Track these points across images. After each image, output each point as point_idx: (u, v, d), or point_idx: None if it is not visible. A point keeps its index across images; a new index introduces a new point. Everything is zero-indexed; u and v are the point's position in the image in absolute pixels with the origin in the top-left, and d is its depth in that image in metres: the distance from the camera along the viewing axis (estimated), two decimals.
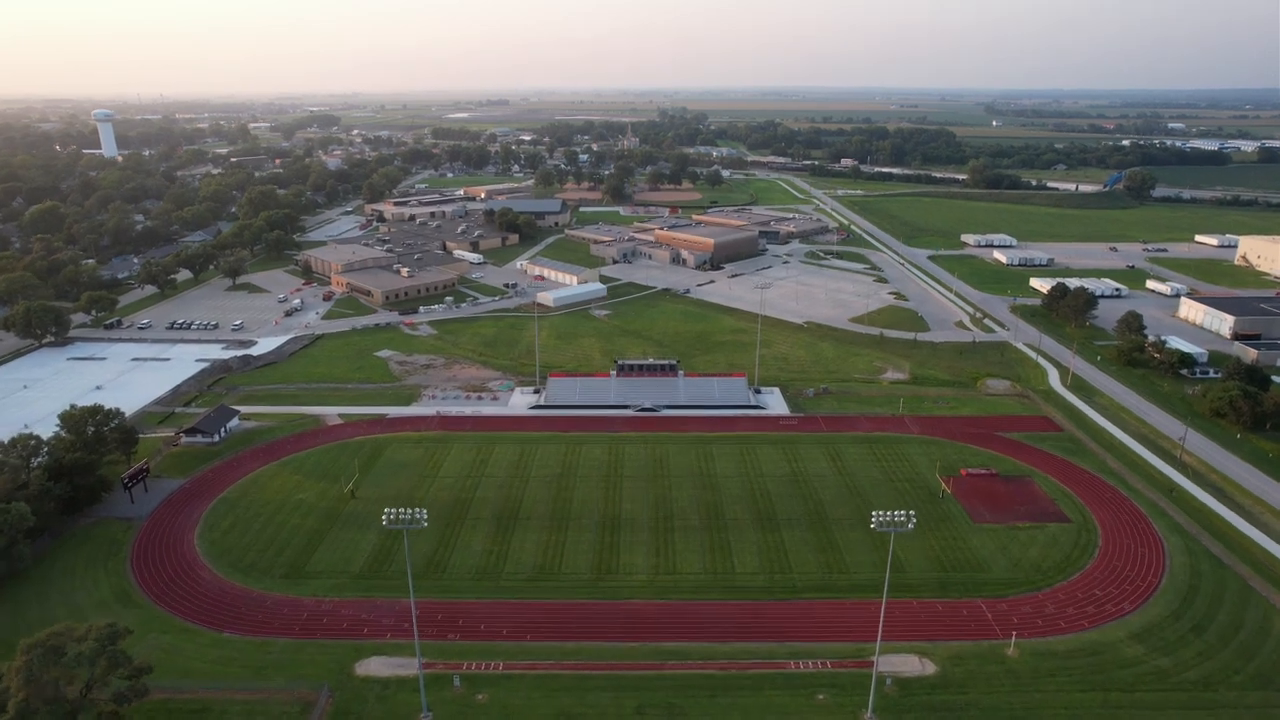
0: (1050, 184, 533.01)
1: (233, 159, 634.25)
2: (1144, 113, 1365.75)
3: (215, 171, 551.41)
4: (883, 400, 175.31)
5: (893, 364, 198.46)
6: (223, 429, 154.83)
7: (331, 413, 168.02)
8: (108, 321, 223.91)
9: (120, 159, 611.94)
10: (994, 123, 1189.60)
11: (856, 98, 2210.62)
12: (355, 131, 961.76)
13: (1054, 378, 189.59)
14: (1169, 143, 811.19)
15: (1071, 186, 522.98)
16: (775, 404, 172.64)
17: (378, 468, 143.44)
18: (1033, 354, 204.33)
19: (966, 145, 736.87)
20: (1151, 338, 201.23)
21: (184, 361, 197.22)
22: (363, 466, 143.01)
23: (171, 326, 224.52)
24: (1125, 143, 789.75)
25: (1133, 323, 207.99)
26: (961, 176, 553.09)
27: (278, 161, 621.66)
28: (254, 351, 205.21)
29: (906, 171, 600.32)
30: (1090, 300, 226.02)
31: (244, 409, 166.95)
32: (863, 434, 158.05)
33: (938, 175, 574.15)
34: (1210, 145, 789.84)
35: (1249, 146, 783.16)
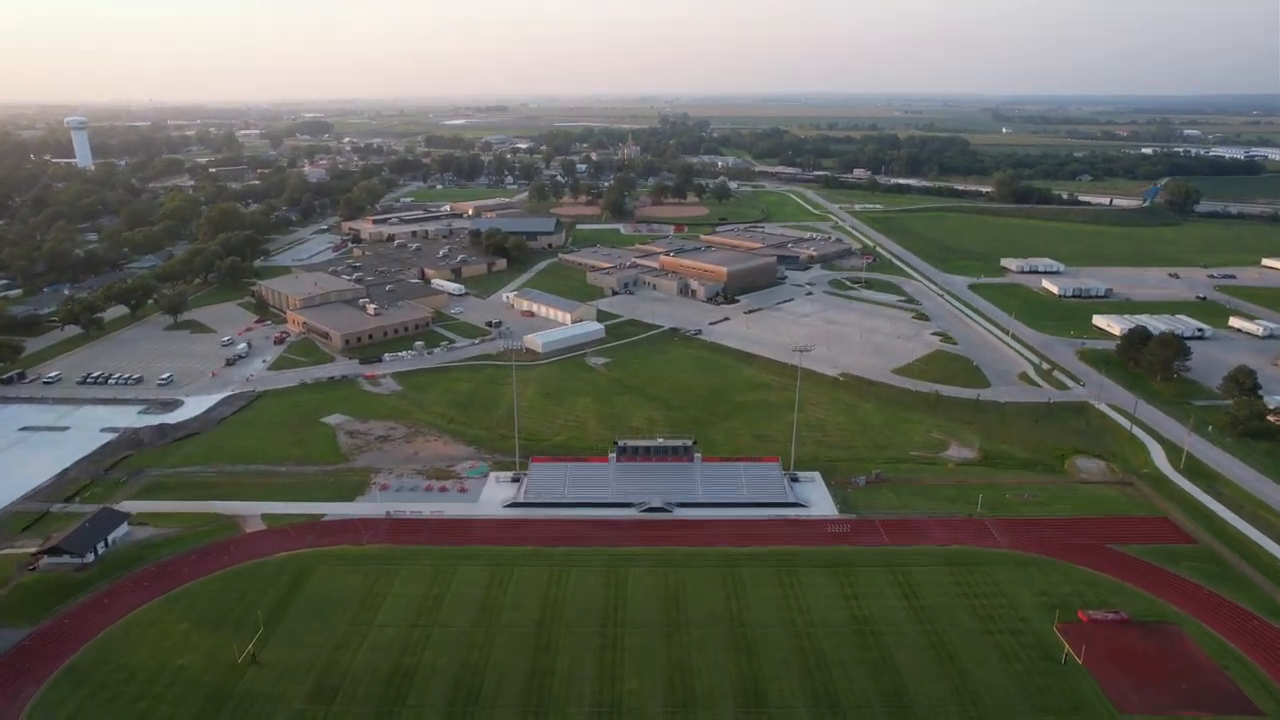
0: (1081, 197, 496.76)
1: (211, 169, 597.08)
2: (1154, 119, 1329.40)
3: (189, 184, 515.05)
4: (953, 492, 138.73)
5: (956, 435, 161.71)
6: (101, 544, 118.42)
7: (253, 512, 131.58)
8: (6, 375, 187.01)
9: (92, 169, 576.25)
10: (1004, 129, 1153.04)
11: (859, 103, 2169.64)
12: (346, 139, 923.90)
13: (1158, 456, 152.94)
14: (1194, 151, 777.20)
15: (1105, 200, 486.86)
16: (818, 498, 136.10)
17: (296, 608, 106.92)
18: (1124, 421, 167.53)
19: (983, 154, 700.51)
20: (1272, 402, 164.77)
21: (85, 431, 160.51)
22: (276, 606, 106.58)
23: (85, 380, 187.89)
24: (1148, 151, 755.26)
25: (1244, 380, 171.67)
26: (985, 189, 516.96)
27: (259, 172, 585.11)
28: (175, 417, 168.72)
29: (925, 183, 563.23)
30: (1181, 348, 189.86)
31: (140, 507, 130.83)
32: (937, 548, 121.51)
33: (960, 188, 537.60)
34: (1236, 153, 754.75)
35: (1278, 155, 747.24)
